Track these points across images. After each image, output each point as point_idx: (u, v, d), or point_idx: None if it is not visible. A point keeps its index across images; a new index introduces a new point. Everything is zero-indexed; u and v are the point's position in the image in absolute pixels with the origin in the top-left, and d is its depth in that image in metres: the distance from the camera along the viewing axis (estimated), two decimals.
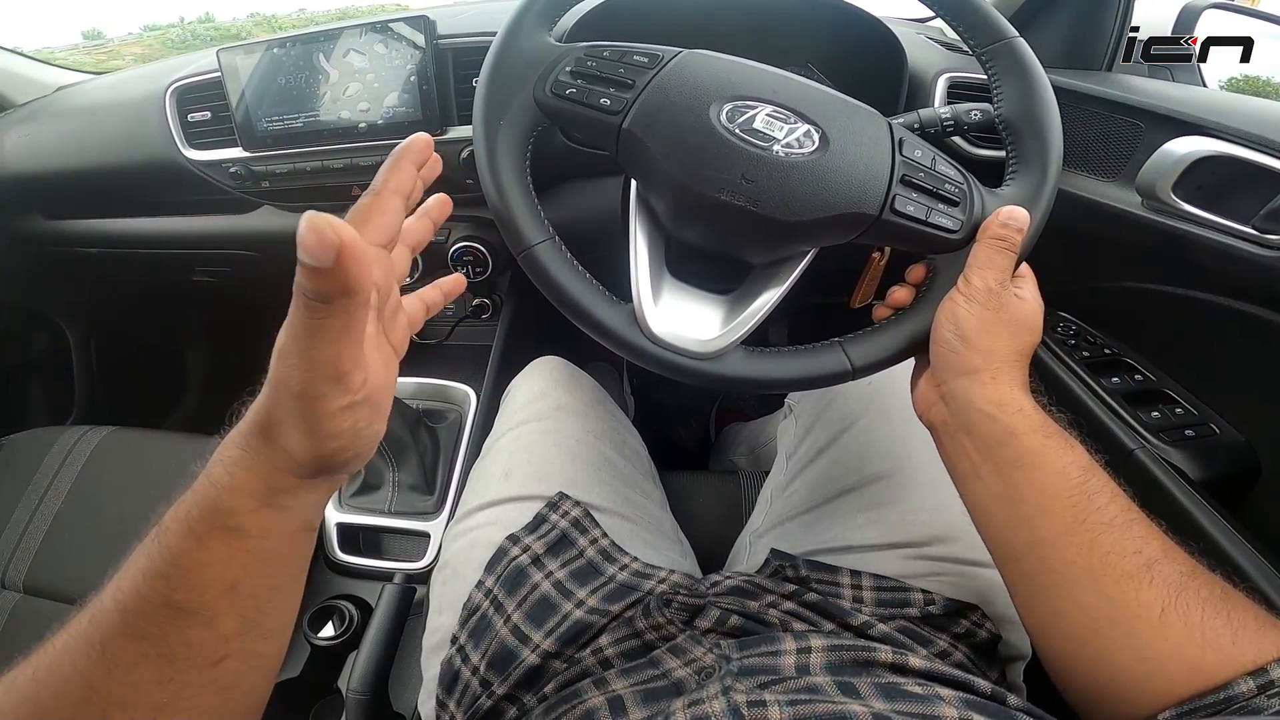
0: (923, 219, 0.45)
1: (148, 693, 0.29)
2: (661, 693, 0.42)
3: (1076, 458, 0.41)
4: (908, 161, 0.46)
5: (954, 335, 0.45)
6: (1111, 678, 0.38)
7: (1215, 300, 0.68)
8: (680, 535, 0.69)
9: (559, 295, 0.49)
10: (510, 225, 0.49)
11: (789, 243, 0.49)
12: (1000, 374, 0.44)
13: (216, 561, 0.30)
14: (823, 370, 0.49)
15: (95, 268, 1.25)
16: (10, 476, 0.92)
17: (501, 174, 0.48)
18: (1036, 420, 0.43)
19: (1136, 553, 0.38)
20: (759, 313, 0.49)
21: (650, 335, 0.48)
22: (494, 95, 0.49)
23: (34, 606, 0.80)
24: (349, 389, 0.29)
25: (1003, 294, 0.44)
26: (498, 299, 1.03)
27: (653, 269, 0.50)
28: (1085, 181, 0.73)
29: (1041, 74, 0.48)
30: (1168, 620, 0.36)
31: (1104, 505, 0.40)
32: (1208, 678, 0.35)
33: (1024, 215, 0.45)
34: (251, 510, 0.31)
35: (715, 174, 0.45)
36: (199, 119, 0.88)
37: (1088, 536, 0.39)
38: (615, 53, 0.48)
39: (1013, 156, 0.48)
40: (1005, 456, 0.42)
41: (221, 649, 0.31)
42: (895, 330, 0.49)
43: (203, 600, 0.30)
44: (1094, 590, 0.38)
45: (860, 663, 0.42)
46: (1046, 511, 0.41)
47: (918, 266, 0.51)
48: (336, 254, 0.24)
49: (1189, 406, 0.74)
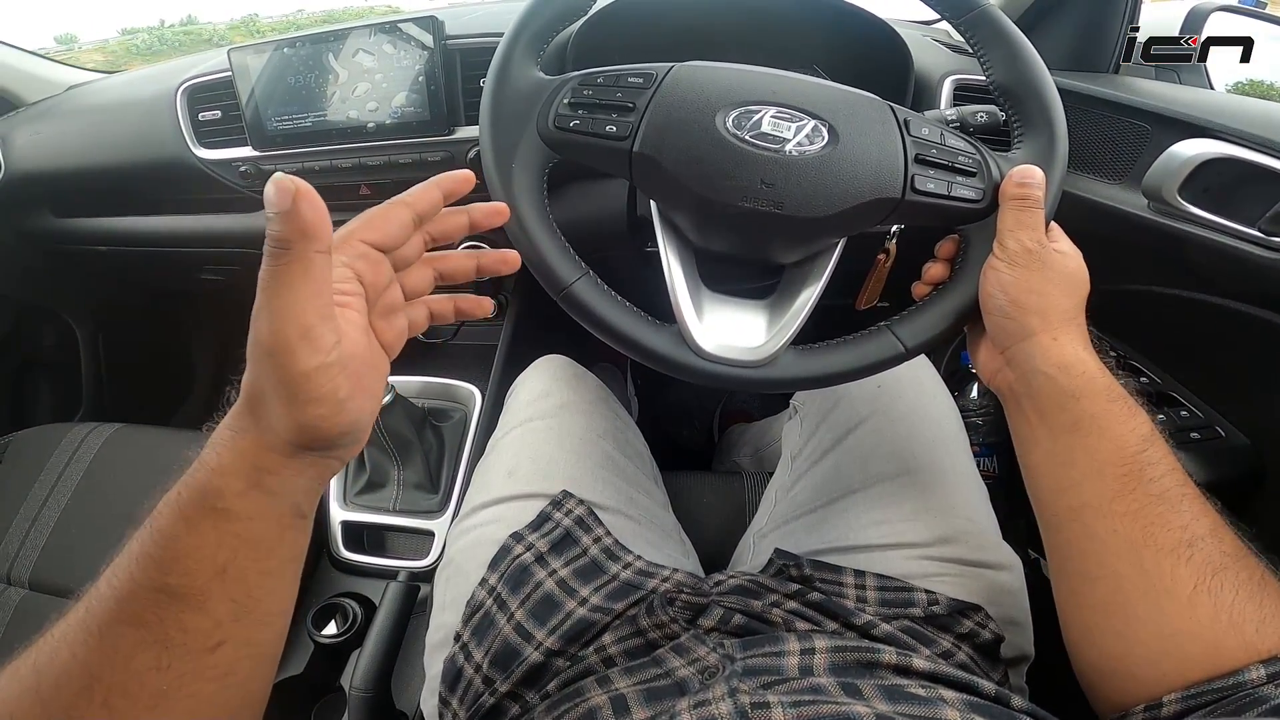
0: (945, 194, 0.46)
1: (147, 679, 0.29)
2: (665, 692, 0.42)
3: (1136, 426, 0.41)
4: (918, 140, 0.46)
5: (1005, 301, 0.44)
6: (1127, 652, 0.38)
7: (1221, 303, 0.68)
8: (683, 535, 0.69)
9: (604, 328, 0.49)
10: (543, 268, 0.49)
11: (818, 238, 0.49)
12: (1060, 333, 0.43)
13: (207, 544, 0.30)
14: (876, 357, 0.49)
15: (104, 265, 1.26)
16: (17, 473, 0.93)
17: (525, 218, 0.48)
18: (1101, 384, 0.42)
19: (1182, 528, 0.37)
20: (802, 311, 0.50)
21: (700, 352, 0.49)
22: (500, 139, 0.49)
23: (39, 603, 0.80)
24: (318, 347, 0.29)
25: (1042, 252, 0.44)
26: (503, 298, 1.04)
27: (690, 285, 0.51)
28: (1091, 184, 0.73)
29: (1020, 34, 0.48)
30: (1197, 599, 0.36)
31: (1158, 477, 0.39)
32: (1222, 662, 0.34)
33: (1038, 172, 0.45)
34: (239, 492, 0.31)
35: (735, 183, 0.45)
36: (209, 118, 0.89)
37: (1134, 506, 0.39)
38: (609, 78, 0.48)
39: (1016, 120, 0.49)
40: (1063, 420, 0.42)
41: (216, 634, 0.31)
42: (940, 306, 0.49)
43: (194, 584, 0.30)
44: (1129, 560, 0.38)
45: (864, 664, 0.42)
46: (1096, 477, 0.40)
47: (946, 241, 0.51)
48: (293, 198, 0.26)
49: (1194, 410, 0.74)
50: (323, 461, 0.33)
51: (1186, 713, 0.35)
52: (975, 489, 0.60)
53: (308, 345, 0.28)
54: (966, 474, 0.60)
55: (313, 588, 0.84)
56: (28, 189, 1.08)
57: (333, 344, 0.29)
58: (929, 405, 0.65)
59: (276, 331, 0.28)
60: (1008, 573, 0.55)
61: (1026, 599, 0.55)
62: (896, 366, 0.49)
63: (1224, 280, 0.66)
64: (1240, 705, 0.32)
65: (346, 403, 0.31)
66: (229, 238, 1.06)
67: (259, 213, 1.01)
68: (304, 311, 0.28)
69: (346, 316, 0.32)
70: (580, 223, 0.79)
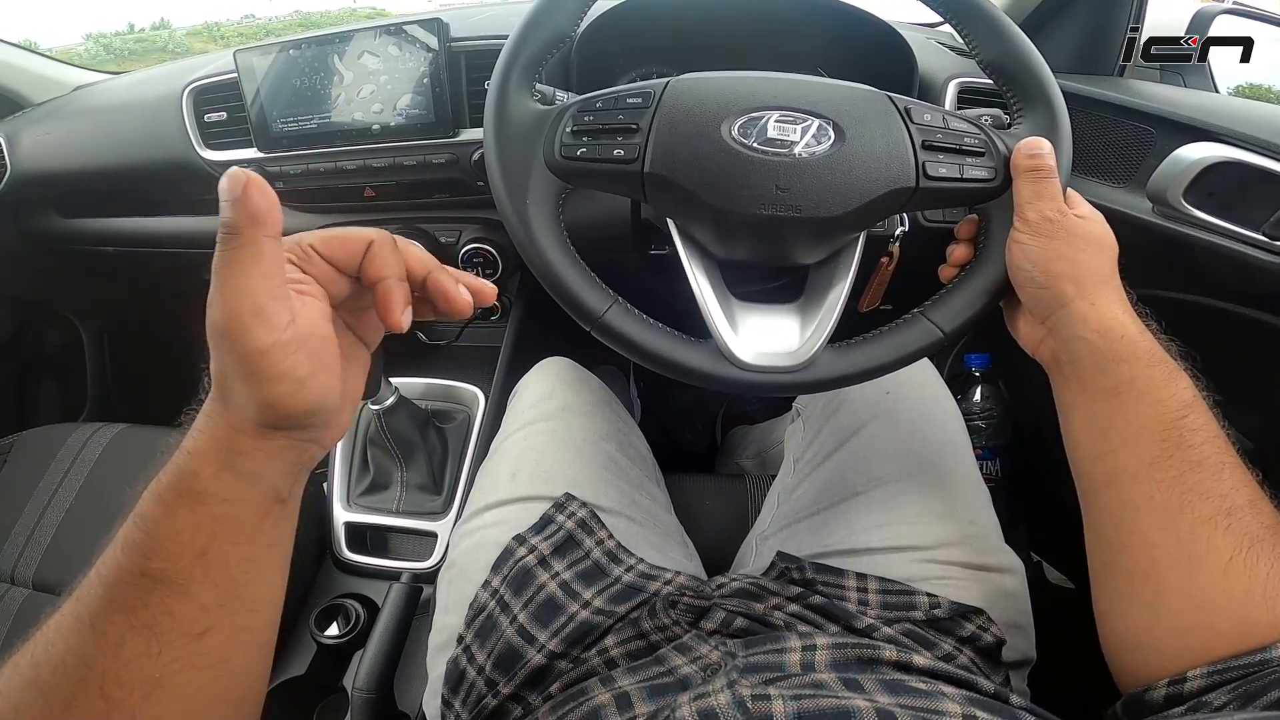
0: (959, 176, 0.46)
1: (139, 666, 0.29)
2: (667, 688, 0.42)
3: (1178, 391, 0.40)
4: (922, 127, 0.46)
5: (1036, 272, 0.44)
6: (1155, 623, 0.37)
7: (1225, 307, 0.68)
8: (685, 538, 0.70)
9: (641, 354, 0.49)
10: (573, 301, 0.48)
11: (839, 236, 0.49)
12: (1098, 297, 0.43)
13: (185, 528, 0.30)
14: (916, 345, 0.49)
15: (110, 266, 1.26)
16: (22, 473, 0.93)
17: (549, 256, 0.48)
18: (1142, 348, 0.42)
19: (1221, 496, 0.37)
20: (835, 309, 0.50)
21: (740, 364, 0.48)
22: (510, 176, 0.49)
23: (43, 603, 0.80)
24: (271, 325, 0.29)
25: (1064, 220, 0.44)
26: (507, 300, 1.04)
27: (719, 297, 0.51)
28: (1096, 187, 0.73)
29: (998, 10, 0.48)
30: (1233, 571, 0.35)
31: (1198, 444, 0.38)
32: (1250, 638, 0.34)
33: (1043, 141, 0.45)
34: (213, 474, 0.31)
35: (750, 192, 0.45)
36: (215, 119, 0.89)
37: (1172, 473, 0.38)
38: (608, 100, 0.48)
39: (1012, 95, 0.49)
40: (1102, 385, 0.42)
41: (203, 620, 0.31)
42: (971, 285, 0.49)
43: (176, 568, 0.30)
44: (1164, 528, 0.37)
45: (865, 660, 0.42)
46: (1134, 443, 0.40)
47: (965, 222, 0.51)
48: (244, 187, 0.28)
49: None
50: (297, 445, 0.33)
51: (1211, 688, 0.34)
52: (978, 492, 0.60)
53: (261, 323, 0.29)
54: (969, 477, 0.60)
55: (316, 588, 0.84)
56: (34, 189, 1.08)
57: (285, 322, 0.30)
58: (931, 409, 0.65)
59: (230, 312, 0.29)
60: (1010, 576, 0.55)
61: (1029, 602, 0.55)
62: (936, 352, 0.49)
63: (1228, 284, 0.66)
64: (1268, 683, 0.32)
65: (308, 380, 0.31)
66: None
67: None
68: (256, 291, 0.29)
69: (303, 300, 0.32)
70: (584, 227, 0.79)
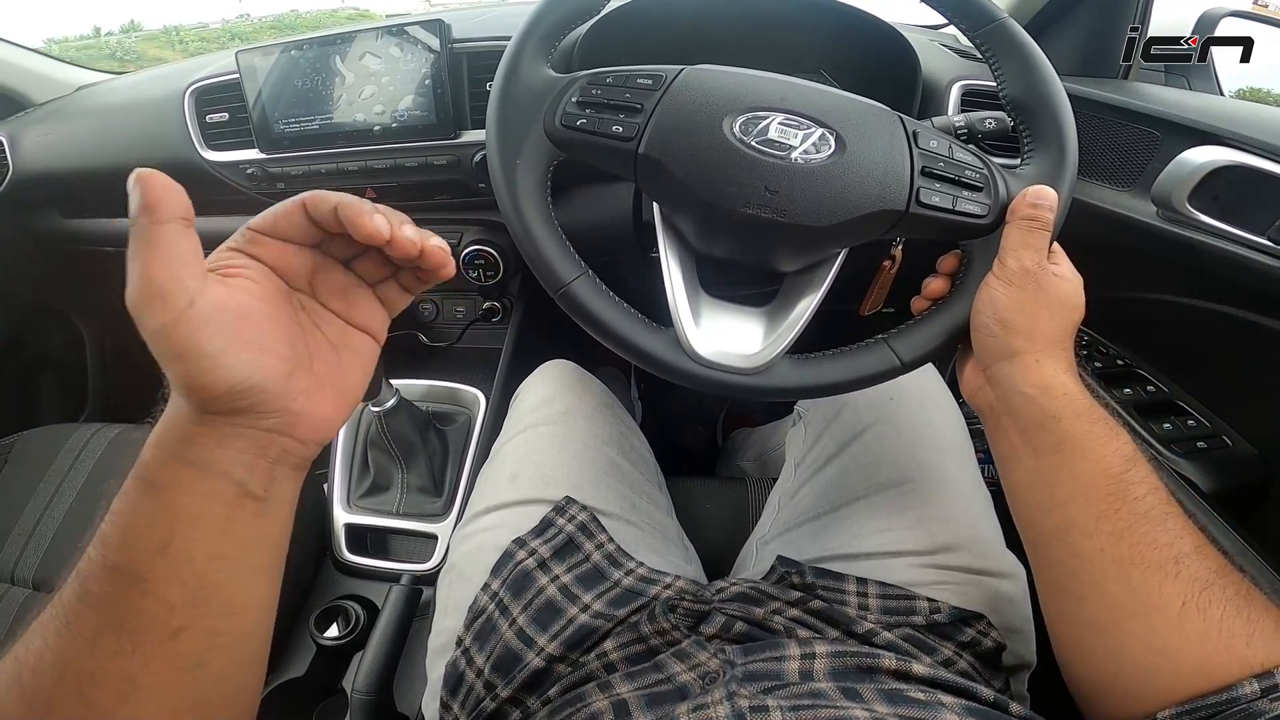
0: (950, 208, 0.45)
1: (114, 665, 0.29)
2: (666, 697, 0.42)
3: (1119, 447, 0.41)
4: (925, 153, 0.46)
5: (993, 320, 0.44)
6: (1120, 669, 0.38)
7: (1229, 311, 0.67)
8: (686, 541, 0.69)
9: (600, 329, 0.49)
10: (542, 265, 0.49)
11: (820, 248, 0.49)
12: (1044, 356, 0.43)
13: (142, 519, 0.30)
14: (872, 369, 0.49)
15: (112, 266, 1.26)
16: (23, 473, 0.93)
17: (527, 216, 0.48)
18: (1082, 405, 0.42)
19: (1168, 545, 0.38)
20: (800, 320, 0.50)
21: (696, 357, 0.49)
22: (506, 133, 0.49)
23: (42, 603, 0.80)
24: (168, 304, 0.29)
25: (1040, 274, 0.44)
26: (508, 302, 1.04)
27: (688, 289, 0.51)
28: (1100, 190, 0.73)
29: (1037, 49, 0.48)
30: (1187, 615, 0.36)
31: (1142, 496, 0.39)
32: (1215, 677, 0.35)
33: (1052, 194, 0.45)
34: (162, 462, 0.31)
35: (738, 189, 0.45)
36: (217, 120, 0.89)
37: (1120, 525, 0.39)
38: (619, 78, 0.48)
39: (1027, 135, 0.48)
40: (1045, 441, 0.42)
41: (172, 619, 0.30)
42: (937, 321, 0.49)
43: (137, 561, 0.30)
44: (1118, 579, 0.38)
45: (864, 669, 0.42)
46: (1081, 498, 0.40)
47: (949, 256, 0.51)
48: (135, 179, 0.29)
49: (1201, 418, 0.74)
50: (248, 433, 0.32)
51: None
52: (979, 497, 0.59)
53: (159, 302, 0.29)
54: (971, 482, 0.60)
55: (316, 590, 0.84)
56: (36, 190, 1.09)
57: (185, 301, 0.29)
58: (933, 413, 0.64)
59: (131, 295, 0.29)
60: (1011, 581, 0.55)
61: (1029, 607, 0.55)
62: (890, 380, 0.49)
63: (1233, 289, 0.66)
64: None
65: (219, 357, 0.30)
66: None
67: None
68: (153, 274, 0.29)
69: (226, 280, 0.32)
70: (586, 226, 0.79)
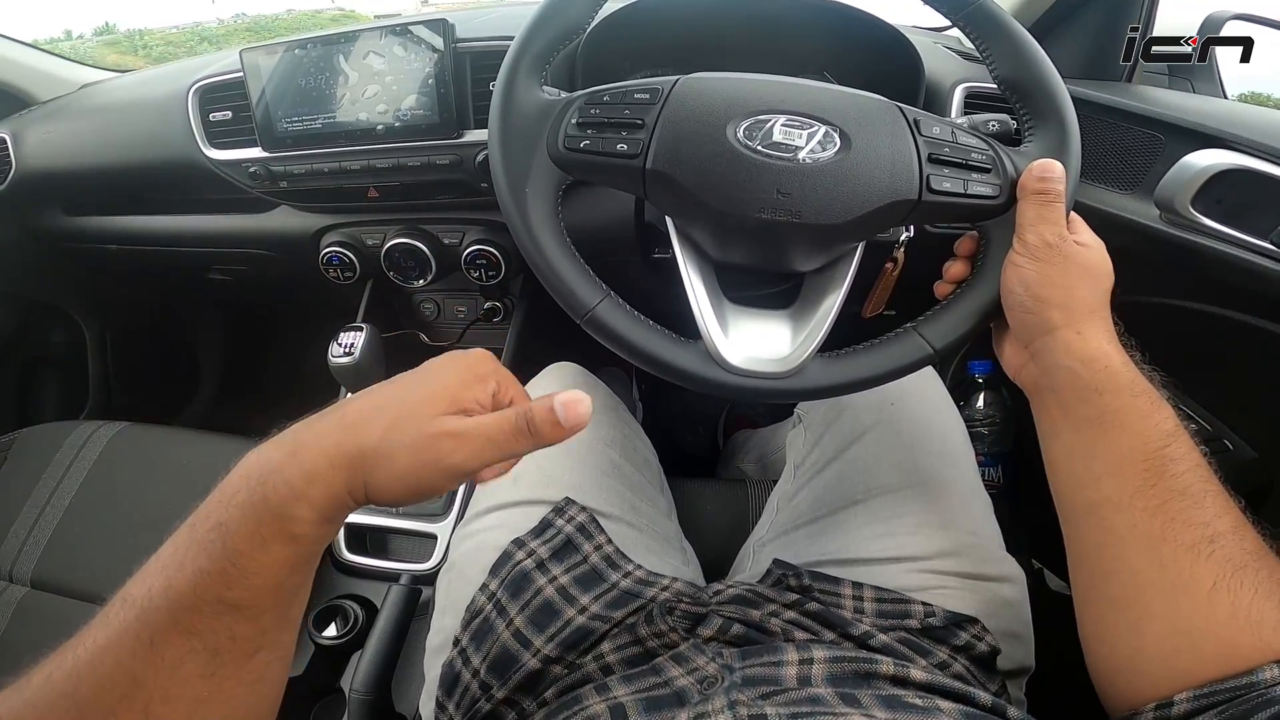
0: (962, 192, 0.46)
1: (191, 686, 0.30)
2: (663, 701, 0.42)
3: (1160, 421, 0.40)
4: (929, 140, 0.46)
5: (1026, 296, 0.44)
6: (1140, 648, 0.38)
7: (1231, 315, 0.67)
8: (685, 543, 0.69)
9: (630, 349, 0.49)
10: (564, 292, 0.48)
11: (838, 244, 0.49)
12: (1084, 326, 0.43)
13: (274, 564, 0.31)
14: (905, 360, 0.49)
15: (114, 264, 1.27)
16: (23, 470, 0.93)
17: (543, 244, 0.48)
18: (1125, 379, 0.42)
19: (1204, 524, 0.37)
20: (827, 318, 0.50)
21: (728, 367, 0.48)
22: (512, 162, 0.49)
23: (41, 601, 0.80)
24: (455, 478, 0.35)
25: (1063, 245, 0.44)
26: (509, 302, 1.04)
27: (712, 299, 0.50)
28: (1102, 194, 0.73)
29: (1019, 26, 0.48)
30: (1216, 596, 0.35)
31: (1180, 473, 0.39)
32: (1237, 661, 0.34)
33: (1058, 165, 0.45)
34: (312, 521, 0.32)
35: (750, 195, 0.45)
36: (220, 118, 0.89)
37: (1155, 502, 0.38)
38: (615, 94, 0.48)
39: (1025, 114, 0.49)
40: (1085, 414, 0.42)
41: (259, 641, 0.32)
42: (964, 304, 0.48)
43: (255, 598, 0.31)
44: (1148, 555, 0.38)
45: (862, 674, 0.41)
46: (1118, 471, 0.40)
47: (965, 239, 0.51)
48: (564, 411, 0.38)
49: (1202, 422, 0.73)
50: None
51: (1198, 712, 0.34)
52: (979, 502, 0.59)
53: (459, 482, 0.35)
54: (971, 486, 0.60)
55: (314, 589, 0.83)
56: (39, 187, 1.09)
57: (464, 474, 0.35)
58: (933, 416, 0.64)
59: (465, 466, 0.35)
60: (1010, 585, 0.54)
61: (1028, 611, 0.54)
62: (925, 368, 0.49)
63: (1235, 293, 0.66)
64: (1253, 706, 0.32)
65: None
66: (237, 238, 1.07)
67: (267, 214, 1.01)
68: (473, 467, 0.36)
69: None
70: (587, 229, 0.79)
